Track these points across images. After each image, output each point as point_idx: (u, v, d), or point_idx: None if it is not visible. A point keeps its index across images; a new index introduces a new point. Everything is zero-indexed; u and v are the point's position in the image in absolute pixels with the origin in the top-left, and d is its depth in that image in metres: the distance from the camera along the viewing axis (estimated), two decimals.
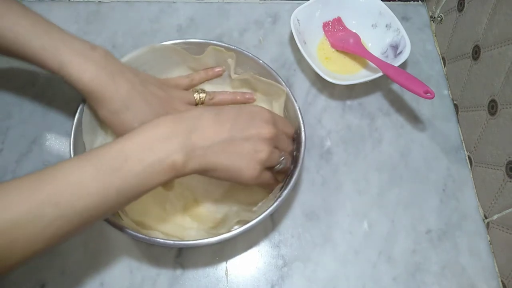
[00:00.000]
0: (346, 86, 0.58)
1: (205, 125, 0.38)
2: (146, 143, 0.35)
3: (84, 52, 0.41)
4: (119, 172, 0.33)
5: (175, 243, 0.40)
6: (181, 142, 0.36)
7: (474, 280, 0.47)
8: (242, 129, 0.39)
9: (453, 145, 0.55)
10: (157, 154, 0.35)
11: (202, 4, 0.64)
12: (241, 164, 0.39)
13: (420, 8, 0.67)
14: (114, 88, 0.42)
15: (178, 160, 0.35)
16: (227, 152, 0.38)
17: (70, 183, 0.32)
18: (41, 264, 0.45)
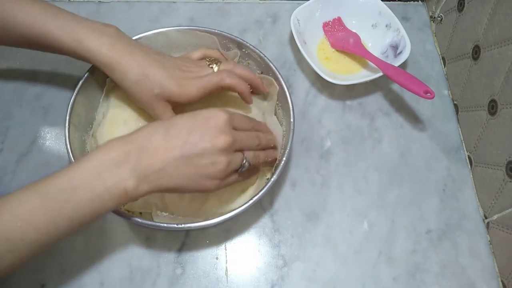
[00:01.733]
0: (346, 86, 0.58)
1: (155, 145, 0.36)
2: (95, 172, 0.34)
3: (99, 28, 0.44)
4: (69, 203, 0.33)
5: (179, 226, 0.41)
6: (131, 167, 0.35)
7: (474, 280, 0.47)
8: (195, 144, 0.37)
9: (453, 145, 0.55)
10: (106, 182, 0.34)
11: (202, 4, 0.64)
12: (199, 180, 0.38)
13: (420, 8, 0.67)
14: (131, 58, 0.43)
15: (129, 187, 0.35)
16: (182, 171, 0.37)
17: (19, 217, 0.32)
18: (41, 264, 0.45)
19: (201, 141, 0.37)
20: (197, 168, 0.37)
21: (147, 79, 0.43)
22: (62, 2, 0.62)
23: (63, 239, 0.35)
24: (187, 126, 0.38)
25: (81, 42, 0.42)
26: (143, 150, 0.36)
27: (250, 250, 0.48)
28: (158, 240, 0.47)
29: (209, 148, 0.37)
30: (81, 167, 0.35)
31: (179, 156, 0.36)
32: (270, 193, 0.51)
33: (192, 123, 0.38)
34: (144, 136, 0.37)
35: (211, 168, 0.37)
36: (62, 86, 0.56)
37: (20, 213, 0.32)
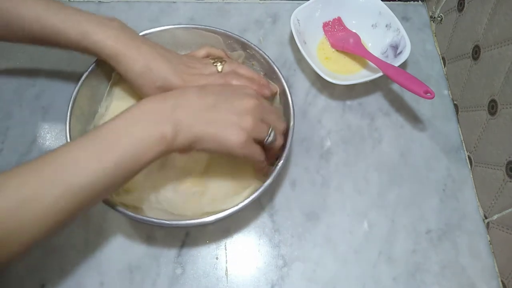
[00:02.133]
0: (346, 86, 0.58)
1: (189, 99, 0.39)
2: (135, 120, 0.37)
3: (103, 22, 0.44)
4: (114, 147, 0.35)
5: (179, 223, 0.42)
6: (167, 115, 0.38)
7: (474, 280, 0.47)
8: (225, 100, 0.40)
9: (453, 145, 0.55)
10: (146, 128, 0.37)
11: (202, 4, 0.64)
12: (225, 131, 0.39)
13: (420, 8, 0.67)
14: (136, 50, 0.44)
15: (167, 132, 0.37)
16: (211, 120, 0.39)
17: (69, 162, 0.34)
18: (41, 264, 0.45)
19: (231, 99, 0.41)
20: (226, 118, 0.39)
21: (151, 72, 0.44)
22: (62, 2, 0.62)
23: (110, 190, 0.37)
24: (220, 88, 0.42)
25: (87, 34, 0.43)
26: (178, 102, 0.39)
27: (250, 250, 0.48)
28: (158, 240, 0.47)
29: (238, 106, 0.40)
30: (123, 117, 0.37)
31: (210, 106, 0.39)
32: (270, 193, 0.51)
33: (224, 87, 0.43)
34: (179, 94, 0.40)
35: (239, 121, 0.40)
36: (62, 86, 0.56)
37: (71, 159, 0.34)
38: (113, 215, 0.48)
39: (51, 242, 0.46)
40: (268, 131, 0.42)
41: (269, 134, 0.42)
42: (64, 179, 0.33)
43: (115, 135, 0.36)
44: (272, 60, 0.51)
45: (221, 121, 0.39)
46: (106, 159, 0.35)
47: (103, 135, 0.36)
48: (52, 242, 0.46)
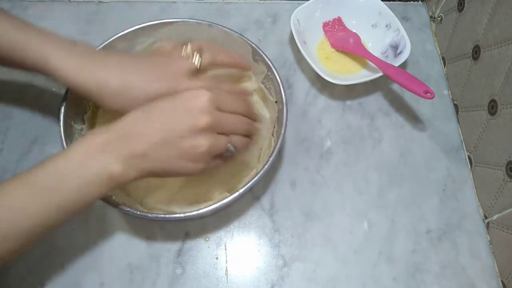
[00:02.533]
0: (346, 86, 0.58)
1: (136, 131, 0.36)
2: (81, 159, 0.34)
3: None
4: (57, 191, 0.33)
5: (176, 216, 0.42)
6: (115, 153, 0.35)
7: (474, 280, 0.47)
8: (174, 127, 0.36)
9: (453, 145, 0.55)
10: (93, 168, 0.34)
11: (202, 4, 0.64)
12: (181, 164, 0.37)
13: (420, 8, 0.67)
14: (106, 72, 0.40)
15: (116, 171, 0.35)
16: (164, 155, 0.36)
17: (10, 206, 0.32)
18: (41, 264, 0.45)
19: (180, 123, 0.36)
20: (178, 151, 0.37)
21: (128, 88, 0.41)
22: (62, 2, 0.62)
23: (56, 228, 0.35)
24: (167, 109, 0.37)
25: (48, 61, 0.39)
26: (125, 136, 0.36)
27: (250, 250, 0.48)
28: (158, 240, 0.47)
29: (188, 131, 0.36)
30: (67, 156, 0.35)
31: (160, 140, 0.36)
32: (270, 193, 0.51)
33: (172, 106, 0.37)
34: (126, 124, 0.37)
35: (192, 151, 0.37)
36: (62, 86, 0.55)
37: (10, 203, 0.32)
38: (113, 215, 0.48)
39: (51, 242, 0.46)
40: (226, 146, 0.39)
41: (229, 148, 0.39)
42: (3, 225, 0.32)
43: (58, 179, 0.34)
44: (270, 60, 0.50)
45: (174, 154, 0.37)
46: (48, 204, 0.33)
47: (46, 177, 0.34)
48: (52, 242, 0.46)
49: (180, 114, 0.37)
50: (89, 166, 0.34)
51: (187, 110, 0.37)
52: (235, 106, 0.41)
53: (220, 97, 0.39)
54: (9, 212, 0.32)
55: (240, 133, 0.41)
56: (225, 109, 0.39)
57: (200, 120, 0.37)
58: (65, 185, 0.34)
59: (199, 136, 0.37)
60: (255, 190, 0.51)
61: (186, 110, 0.37)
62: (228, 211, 0.49)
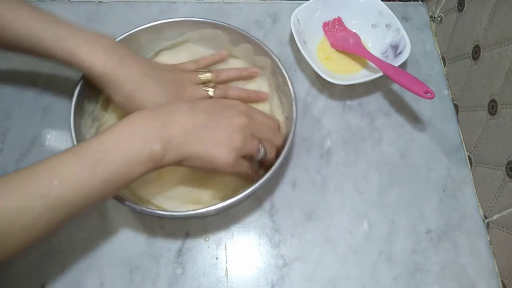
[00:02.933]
0: (346, 86, 0.58)
1: (179, 116, 0.39)
2: (124, 136, 0.37)
3: (93, 38, 0.43)
4: (101, 164, 0.35)
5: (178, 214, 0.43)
6: (157, 133, 0.37)
7: (474, 280, 0.47)
8: (215, 118, 0.41)
9: (453, 145, 0.55)
10: (135, 145, 0.36)
11: (202, 4, 0.64)
12: (214, 151, 0.40)
13: (420, 8, 0.67)
14: (126, 72, 0.43)
15: (156, 151, 0.37)
16: (201, 140, 0.39)
17: (57, 176, 0.34)
18: (41, 264, 0.45)
19: (221, 117, 0.41)
20: (215, 138, 0.40)
21: (140, 96, 0.44)
22: (62, 2, 0.62)
23: (101, 202, 0.37)
24: (210, 105, 0.42)
25: (73, 53, 0.42)
26: (168, 120, 0.39)
27: (250, 250, 0.48)
28: (158, 240, 0.47)
29: (228, 123, 0.41)
30: (112, 132, 0.37)
31: (200, 126, 0.39)
32: (270, 193, 0.51)
33: (214, 104, 0.43)
34: (171, 111, 0.40)
35: (228, 141, 0.40)
36: (62, 86, 0.55)
37: (58, 173, 0.34)
38: (114, 215, 0.48)
39: (51, 242, 0.46)
40: (258, 147, 0.42)
41: (260, 150, 0.42)
42: (50, 194, 0.33)
43: (103, 153, 0.35)
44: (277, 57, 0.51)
45: (210, 140, 0.40)
46: (93, 176, 0.34)
47: (91, 151, 0.35)
48: (52, 242, 0.46)
49: (221, 111, 0.42)
50: (132, 143, 0.36)
51: (226, 109, 0.42)
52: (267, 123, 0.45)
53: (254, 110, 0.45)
54: (56, 181, 0.33)
55: (269, 141, 0.44)
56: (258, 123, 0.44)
57: (238, 118, 0.41)
58: (109, 159, 0.35)
59: (235, 130, 0.41)
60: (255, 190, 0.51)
61: (225, 109, 0.42)
62: (228, 211, 0.49)
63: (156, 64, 0.48)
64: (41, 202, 0.33)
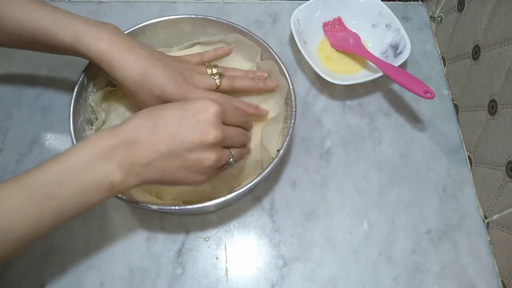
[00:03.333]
0: (346, 86, 0.58)
1: (142, 138, 0.35)
2: (82, 165, 0.34)
3: (97, 24, 0.42)
4: (55, 197, 0.33)
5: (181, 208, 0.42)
6: (118, 161, 0.34)
7: (474, 280, 0.47)
8: (183, 139, 0.36)
9: (453, 145, 0.55)
10: (93, 176, 0.34)
11: (202, 4, 0.64)
12: (185, 175, 0.37)
13: (420, 8, 0.67)
14: (132, 56, 0.42)
15: (116, 181, 0.34)
16: (169, 166, 0.36)
17: (6, 211, 0.32)
18: (41, 264, 0.45)
19: (189, 136, 0.36)
20: (184, 163, 0.36)
21: (148, 79, 0.42)
22: (62, 2, 0.62)
23: (50, 233, 0.34)
24: (176, 119, 0.36)
25: (79, 36, 0.41)
26: (130, 143, 0.35)
27: (250, 250, 0.48)
28: (158, 240, 0.47)
29: (198, 144, 0.36)
30: (68, 160, 0.34)
31: (166, 152, 0.36)
32: (270, 193, 0.51)
33: (181, 116, 0.37)
34: (132, 129, 0.36)
35: (198, 164, 0.37)
36: (62, 86, 0.56)
37: (6, 207, 0.32)
38: (114, 215, 0.48)
39: (51, 242, 0.46)
40: (228, 159, 0.40)
41: (229, 162, 0.40)
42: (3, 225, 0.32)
43: (56, 185, 0.33)
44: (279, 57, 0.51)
45: (179, 167, 0.37)
46: (44, 210, 0.33)
47: (44, 182, 0.33)
48: (52, 242, 0.46)
49: (188, 126, 0.36)
50: (89, 173, 0.34)
51: (196, 122, 0.36)
52: (238, 119, 0.42)
53: (227, 110, 0.39)
54: (5, 215, 0.32)
55: (239, 146, 0.42)
56: (229, 122, 0.40)
57: (209, 135, 0.36)
58: (63, 191, 0.33)
59: (206, 150, 0.37)
60: (256, 190, 0.51)
61: (195, 122, 0.36)
62: (228, 211, 0.49)
63: (163, 53, 0.48)
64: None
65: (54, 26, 0.41)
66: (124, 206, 0.49)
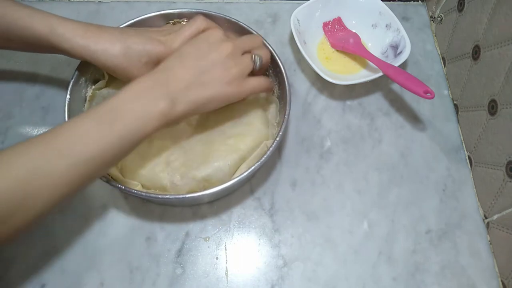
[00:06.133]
0: (346, 86, 0.58)
1: (175, 71, 0.41)
2: (133, 97, 0.38)
3: (71, 18, 0.44)
4: (116, 122, 0.37)
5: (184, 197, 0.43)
6: (161, 90, 0.39)
7: (474, 280, 0.47)
8: (205, 58, 0.42)
9: (453, 145, 0.55)
10: (144, 104, 0.38)
11: (202, 4, 0.64)
12: (220, 87, 0.42)
13: (420, 8, 0.67)
14: (108, 34, 0.44)
15: (164, 106, 0.39)
16: (203, 83, 0.41)
17: (77, 135, 0.35)
18: (41, 264, 0.45)
19: (208, 54, 0.42)
20: (214, 77, 0.42)
21: (131, 49, 0.44)
22: (62, 2, 0.62)
23: (119, 159, 0.38)
24: (193, 47, 0.43)
25: (54, 27, 0.42)
26: (167, 77, 0.40)
27: (250, 250, 0.48)
28: (158, 240, 0.47)
29: (217, 57, 0.42)
30: (122, 96, 0.38)
31: (196, 72, 0.41)
32: (270, 193, 0.51)
33: (197, 44, 0.43)
34: (165, 69, 0.41)
35: (226, 73, 0.42)
36: (62, 86, 0.56)
37: (77, 133, 0.35)
38: (113, 216, 0.48)
39: (51, 242, 0.46)
40: (252, 60, 0.45)
41: (255, 61, 0.45)
42: (71, 151, 0.34)
43: (116, 112, 0.37)
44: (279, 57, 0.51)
45: (212, 81, 0.42)
46: (111, 133, 0.36)
47: (105, 112, 0.37)
48: (52, 242, 0.46)
49: (205, 49, 0.43)
50: (141, 102, 0.38)
51: (209, 45, 0.43)
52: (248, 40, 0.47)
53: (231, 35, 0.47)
54: (78, 141, 0.35)
55: (255, 47, 0.47)
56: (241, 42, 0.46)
57: (223, 47, 0.43)
58: (121, 118, 0.37)
59: (227, 61, 0.43)
60: (255, 190, 0.51)
61: (208, 45, 0.43)
62: (228, 211, 0.49)
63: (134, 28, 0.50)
64: (63, 160, 0.34)
65: (29, 18, 0.42)
66: (124, 206, 0.49)
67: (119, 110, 0.37)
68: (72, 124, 0.36)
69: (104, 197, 0.49)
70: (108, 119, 0.37)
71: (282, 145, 0.53)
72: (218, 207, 0.49)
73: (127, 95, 0.39)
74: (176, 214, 0.49)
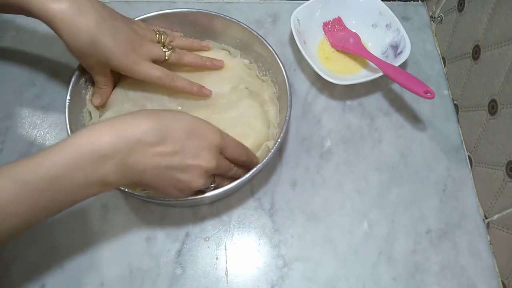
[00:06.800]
0: (346, 86, 0.58)
1: (146, 145, 0.35)
2: (78, 163, 0.33)
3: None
4: (47, 192, 0.32)
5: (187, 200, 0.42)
6: (116, 164, 0.34)
7: (474, 280, 0.47)
8: (183, 159, 0.37)
9: (453, 145, 0.55)
10: (89, 176, 0.33)
11: (202, 4, 0.64)
12: (172, 191, 0.39)
13: (420, 8, 0.67)
14: (82, 20, 0.41)
15: (110, 181, 0.35)
16: (160, 178, 0.37)
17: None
18: (41, 264, 0.45)
19: (190, 158, 0.37)
20: (174, 180, 0.38)
21: (96, 47, 0.42)
22: None
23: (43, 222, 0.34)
24: (182, 136, 0.37)
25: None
26: (133, 145, 0.35)
27: (250, 250, 0.48)
28: (158, 240, 0.47)
29: (195, 168, 0.38)
30: (64, 156, 0.33)
31: (164, 166, 0.36)
32: (270, 193, 0.51)
33: (188, 135, 0.37)
34: (136, 130, 0.35)
35: (186, 184, 0.38)
36: (62, 86, 0.56)
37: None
38: (113, 216, 0.48)
39: (51, 242, 0.46)
40: (209, 185, 0.41)
41: (209, 187, 0.42)
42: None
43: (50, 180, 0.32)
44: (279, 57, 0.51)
45: (171, 182, 0.38)
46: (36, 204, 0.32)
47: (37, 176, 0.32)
48: (52, 242, 0.46)
49: (191, 149, 0.37)
50: (85, 173, 0.33)
51: (199, 147, 0.38)
52: (237, 155, 0.43)
53: (229, 141, 0.41)
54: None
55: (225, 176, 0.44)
56: (227, 154, 0.42)
57: (207, 163, 0.38)
58: (55, 186, 0.32)
59: (199, 176, 0.39)
60: (255, 190, 0.51)
61: (198, 146, 0.38)
62: (228, 211, 0.49)
63: (114, 13, 0.46)
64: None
65: None
66: (124, 206, 0.49)
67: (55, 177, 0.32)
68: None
69: (104, 197, 0.49)
70: (37, 189, 0.32)
71: (282, 145, 0.53)
72: (218, 207, 0.49)
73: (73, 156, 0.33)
74: (176, 215, 0.49)
